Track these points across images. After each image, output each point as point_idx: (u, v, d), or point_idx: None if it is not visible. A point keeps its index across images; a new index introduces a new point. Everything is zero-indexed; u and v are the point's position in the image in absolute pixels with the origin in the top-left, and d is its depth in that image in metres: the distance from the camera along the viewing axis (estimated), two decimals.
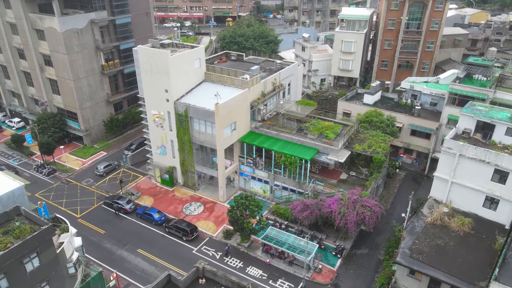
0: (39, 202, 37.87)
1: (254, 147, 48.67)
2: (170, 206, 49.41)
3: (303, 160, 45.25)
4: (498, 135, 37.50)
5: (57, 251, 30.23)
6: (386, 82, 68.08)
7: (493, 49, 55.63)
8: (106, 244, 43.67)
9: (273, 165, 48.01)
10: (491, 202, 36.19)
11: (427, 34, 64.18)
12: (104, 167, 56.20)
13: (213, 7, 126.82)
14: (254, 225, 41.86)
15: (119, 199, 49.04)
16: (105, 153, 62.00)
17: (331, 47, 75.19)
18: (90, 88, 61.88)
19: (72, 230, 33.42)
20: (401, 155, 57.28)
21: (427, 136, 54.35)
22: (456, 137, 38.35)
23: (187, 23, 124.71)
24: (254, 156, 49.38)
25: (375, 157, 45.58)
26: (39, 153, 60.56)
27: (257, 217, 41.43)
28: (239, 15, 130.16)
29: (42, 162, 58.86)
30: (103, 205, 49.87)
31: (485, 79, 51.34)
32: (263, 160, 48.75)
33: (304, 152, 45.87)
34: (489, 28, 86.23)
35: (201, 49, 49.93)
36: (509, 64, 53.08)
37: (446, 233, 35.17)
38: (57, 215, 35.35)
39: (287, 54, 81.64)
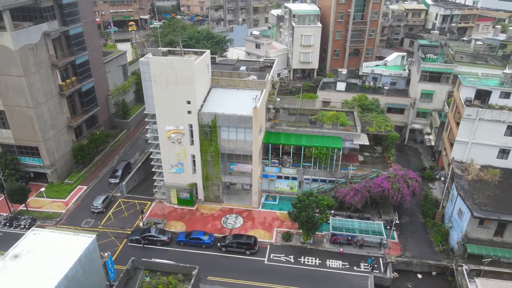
0: (105, 254, 31.00)
1: (281, 146, 48.52)
2: (207, 225, 45.72)
3: (335, 149, 47.40)
4: (493, 99, 46.16)
5: None
6: (339, 69, 74.32)
7: (436, 31, 66.54)
8: None
9: (302, 160, 48.74)
10: (503, 153, 44.72)
11: (370, 24, 72.49)
12: (103, 202, 48.09)
13: (111, 10, 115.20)
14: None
15: (150, 232, 43.15)
16: (85, 187, 52.73)
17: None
18: (51, 114, 51.55)
19: None
20: None
21: (400, 111, 62.21)
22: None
23: None
24: (280, 155, 49.24)
25: (390, 135, 50.66)
26: None
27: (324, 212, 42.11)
28: (141, 17, 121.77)
29: (11, 214, 46.98)
30: (129, 243, 43.19)
31: (435, 57, 61.46)
32: (291, 157, 49.03)
33: (332, 141, 47.95)
34: (386, 16, 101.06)
35: (208, 54, 46.83)
36: (452, 43, 64.45)
37: (486, 184, 42.18)
38: (155, 259, 30.21)
39: (233, 52, 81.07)
